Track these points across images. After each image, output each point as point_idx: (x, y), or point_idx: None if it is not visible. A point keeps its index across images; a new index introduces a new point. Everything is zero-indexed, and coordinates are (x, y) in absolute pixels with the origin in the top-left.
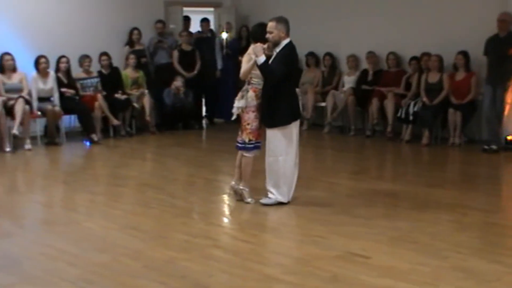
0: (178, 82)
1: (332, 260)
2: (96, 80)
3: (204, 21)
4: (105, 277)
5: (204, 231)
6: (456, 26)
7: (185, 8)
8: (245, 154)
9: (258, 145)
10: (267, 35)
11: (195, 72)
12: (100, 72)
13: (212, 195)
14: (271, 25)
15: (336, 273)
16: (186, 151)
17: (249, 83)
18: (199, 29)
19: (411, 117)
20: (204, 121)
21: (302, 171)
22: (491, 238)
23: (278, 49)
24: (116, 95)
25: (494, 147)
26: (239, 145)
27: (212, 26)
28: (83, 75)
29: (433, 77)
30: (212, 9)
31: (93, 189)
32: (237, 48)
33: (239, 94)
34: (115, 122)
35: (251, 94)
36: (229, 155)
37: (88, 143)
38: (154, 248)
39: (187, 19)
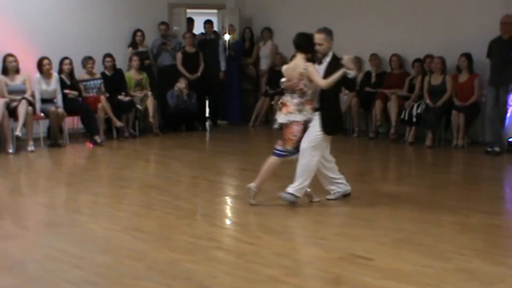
0: (181, 84)
1: (335, 262)
2: (99, 81)
3: (208, 23)
4: (109, 278)
5: (207, 233)
6: (459, 28)
7: (188, 10)
8: (276, 158)
9: (296, 150)
10: (317, 47)
11: (199, 74)
12: (103, 74)
13: (215, 196)
14: (320, 37)
15: (339, 275)
16: (189, 153)
17: (301, 95)
18: (203, 31)
19: (414, 119)
20: (207, 123)
21: None
22: (495, 240)
23: (327, 59)
24: (120, 97)
25: (497, 149)
26: (282, 153)
27: (215, 28)
28: (87, 76)
29: (436, 79)
30: (215, 11)
31: (96, 191)
32: (241, 50)
33: (289, 107)
34: (119, 123)
35: (308, 107)
36: (232, 156)
37: (91, 145)
38: (157, 249)
39: (190, 21)
